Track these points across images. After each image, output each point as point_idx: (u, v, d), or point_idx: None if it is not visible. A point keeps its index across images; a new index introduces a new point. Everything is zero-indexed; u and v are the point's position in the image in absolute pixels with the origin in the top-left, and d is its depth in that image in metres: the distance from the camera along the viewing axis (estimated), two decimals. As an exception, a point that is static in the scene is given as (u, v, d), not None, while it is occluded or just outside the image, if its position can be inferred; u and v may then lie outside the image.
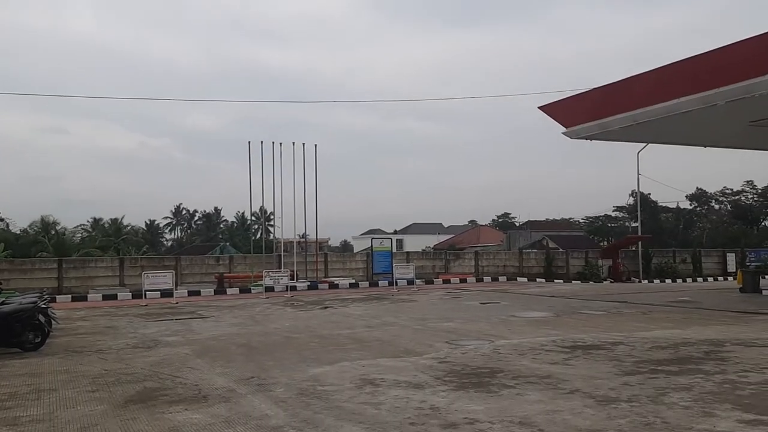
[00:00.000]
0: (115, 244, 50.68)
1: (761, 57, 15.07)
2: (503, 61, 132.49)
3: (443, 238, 75.87)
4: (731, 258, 42.20)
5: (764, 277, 28.30)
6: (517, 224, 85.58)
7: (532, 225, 68.61)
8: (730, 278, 35.66)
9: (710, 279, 38.86)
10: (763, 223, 65.04)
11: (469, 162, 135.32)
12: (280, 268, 29.72)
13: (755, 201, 66.75)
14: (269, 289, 26.03)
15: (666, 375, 8.08)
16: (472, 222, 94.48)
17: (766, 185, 61.55)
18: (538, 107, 21.33)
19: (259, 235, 45.75)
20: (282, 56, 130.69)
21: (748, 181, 67.25)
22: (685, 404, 6.54)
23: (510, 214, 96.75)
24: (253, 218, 47.95)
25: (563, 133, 21.19)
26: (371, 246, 34.82)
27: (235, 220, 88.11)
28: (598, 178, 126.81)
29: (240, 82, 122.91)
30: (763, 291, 22.38)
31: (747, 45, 15.40)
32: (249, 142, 30.07)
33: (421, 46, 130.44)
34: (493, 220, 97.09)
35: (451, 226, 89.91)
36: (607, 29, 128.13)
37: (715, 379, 7.74)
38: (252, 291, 27.59)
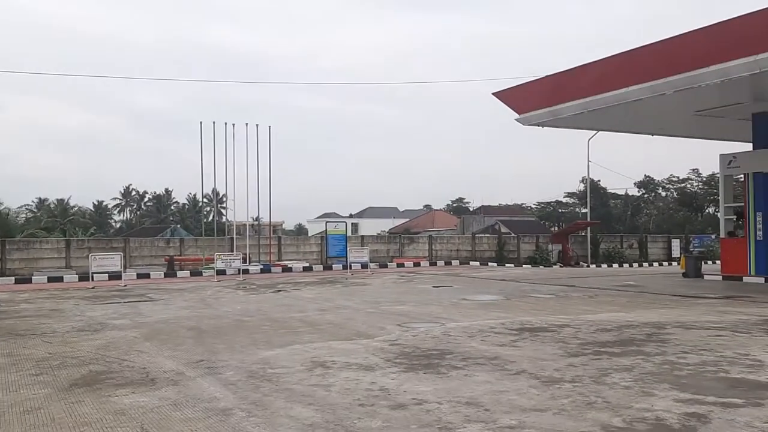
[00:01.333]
0: (62, 225, 49.35)
1: (706, 49, 15.54)
2: (459, 47, 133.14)
3: (398, 222, 76.30)
4: (676, 244, 43.51)
5: (706, 263, 29.36)
6: (471, 209, 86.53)
7: (485, 210, 69.42)
8: (675, 263, 36.79)
9: (656, 264, 40.03)
10: (707, 211, 67.15)
11: (425, 147, 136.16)
12: (232, 251, 29.42)
13: (700, 189, 68.84)
14: (221, 272, 25.75)
15: (609, 356, 8.31)
16: (427, 206, 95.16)
17: (710, 174, 63.53)
18: (492, 93, 21.54)
19: (211, 218, 45.21)
20: (238, 36, 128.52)
21: (693, 170, 69.44)
22: (626, 384, 6.75)
23: (464, 199, 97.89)
24: (205, 200, 47.26)
25: (516, 120, 21.46)
26: (326, 229, 34.76)
27: (186, 202, 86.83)
28: (551, 164, 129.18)
29: (194, 61, 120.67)
30: (705, 276, 23.13)
31: (693, 36, 15.86)
32: (201, 123, 29.64)
33: (377, 30, 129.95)
34: (448, 204, 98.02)
35: (406, 210, 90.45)
36: (566, 16, 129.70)
37: (655, 360, 8.00)
38: (203, 274, 27.26)
